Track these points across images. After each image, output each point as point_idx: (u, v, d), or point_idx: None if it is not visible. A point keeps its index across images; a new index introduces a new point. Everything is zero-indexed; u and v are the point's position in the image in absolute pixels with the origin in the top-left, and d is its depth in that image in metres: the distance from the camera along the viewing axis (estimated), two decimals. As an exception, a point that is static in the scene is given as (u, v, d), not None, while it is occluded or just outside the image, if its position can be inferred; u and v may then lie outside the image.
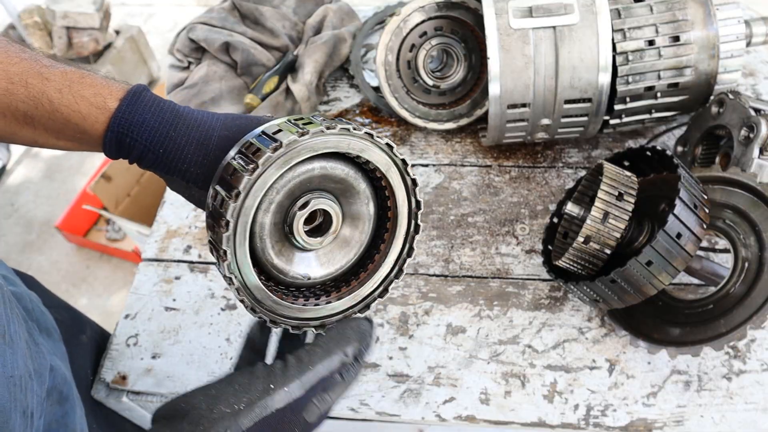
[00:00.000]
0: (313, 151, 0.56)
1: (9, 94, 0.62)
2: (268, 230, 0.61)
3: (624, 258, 0.77)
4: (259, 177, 0.55)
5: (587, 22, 0.96)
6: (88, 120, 0.62)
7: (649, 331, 0.86)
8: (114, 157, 0.65)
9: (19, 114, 0.63)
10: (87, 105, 0.62)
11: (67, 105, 0.62)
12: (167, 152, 0.61)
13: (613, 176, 0.82)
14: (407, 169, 0.63)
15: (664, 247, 0.74)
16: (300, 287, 0.66)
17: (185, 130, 0.62)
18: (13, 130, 0.65)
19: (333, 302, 0.64)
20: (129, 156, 0.63)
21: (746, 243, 0.84)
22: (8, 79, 0.62)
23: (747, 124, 0.90)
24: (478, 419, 0.87)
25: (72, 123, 0.63)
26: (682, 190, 0.75)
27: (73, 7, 2.82)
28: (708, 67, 1.00)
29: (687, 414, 0.85)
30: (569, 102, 1.01)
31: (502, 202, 1.10)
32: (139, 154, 0.62)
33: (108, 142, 0.62)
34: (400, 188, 0.64)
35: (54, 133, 0.65)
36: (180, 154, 0.62)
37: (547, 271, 0.90)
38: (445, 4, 1.12)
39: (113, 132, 0.61)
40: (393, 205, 0.65)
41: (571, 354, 0.92)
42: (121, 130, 0.61)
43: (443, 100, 1.20)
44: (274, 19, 1.35)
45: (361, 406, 0.89)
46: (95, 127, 0.62)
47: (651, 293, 0.77)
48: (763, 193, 0.83)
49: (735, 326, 0.78)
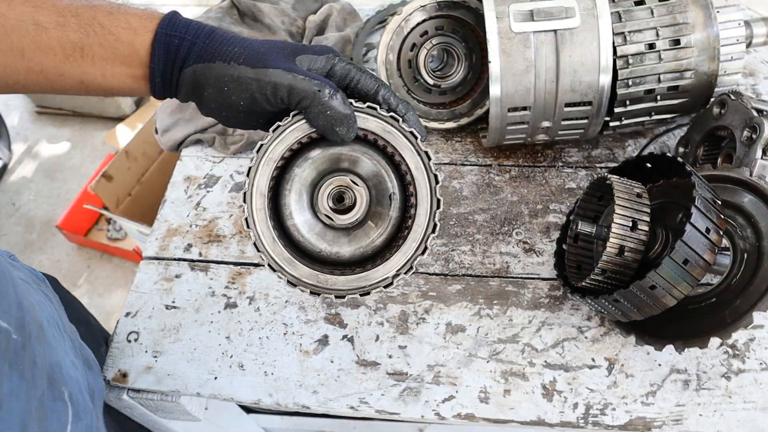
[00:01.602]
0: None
1: (60, 26, 0.66)
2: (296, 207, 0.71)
3: (640, 269, 0.76)
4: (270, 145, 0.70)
5: (588, 26, 0.96)
6: (138, 32, 0.69)
7: (654, 330, 0.86)
8: (159, 69, 0.70)
9: (69, 46, 0.67)
10: (137, 19, 0.69)
11: (117, 24, 0.68)
12: (213, 40, 0.69)
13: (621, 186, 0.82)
14: (418, 143, 0.68)
15: (683, 257, 0.73)
16: (334, 263, 0.72)
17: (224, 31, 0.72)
18: (62, 69, 0.68)
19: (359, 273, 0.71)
20: (176, 55, 0.69)
21: (743, 235, 0.84)
22: (58, 12, 0.67)
23: (750, 125, 0.91)
24: (477, 418, 0.88)
25: (122, 41, 0.68)
26: (697, 198, 0.74)
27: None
28: (708, 70, 1.01)
29: (686, 413, 0.85)
30: (570, 105, 1.01)
31: (502, 201, 1.10)
32: (187, 49, 0.69)
33: (157, 46, 0.69)
34: (418, 169, 0.71)
35: (102, 60, 0.69)
36: (223, 38, 0.70)
37: (570, 293, 0.89)
38: (446, 4, 1.12)
39: (162, 34, 0.69)
40: (412, 182, 0.71)
41: (570, 353, 0.92)
42: (170, 32, 0.69)
43: (444, 99, 1.21)
44: (273, 15, 1.35)
45: (360, 404, 0.90)
46: (145, 38, 0.69)
47: (671, 304, 0.76)
48: (755, 186, 0.84)
49: (740, 315, 0.78)
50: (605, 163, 1.15)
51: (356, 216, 0.70)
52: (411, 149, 0.70)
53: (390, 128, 0.70)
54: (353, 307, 0.99)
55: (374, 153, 0.71)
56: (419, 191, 0.70)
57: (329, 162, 0.71)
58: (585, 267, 0.95)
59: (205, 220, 1.13)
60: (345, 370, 0.93)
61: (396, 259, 0.69)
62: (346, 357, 0.94)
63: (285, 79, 0.67)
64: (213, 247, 1.09)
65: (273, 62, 0.68)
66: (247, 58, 0.67)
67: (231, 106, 0.70)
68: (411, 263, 0.70)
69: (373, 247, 0.71)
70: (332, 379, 0.92)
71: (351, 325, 0.97)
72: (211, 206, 1.15)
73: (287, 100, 0.68)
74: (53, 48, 0.66)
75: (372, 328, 0.96)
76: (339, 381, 0.92)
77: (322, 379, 0.92)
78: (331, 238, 0.71)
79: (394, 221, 0.71)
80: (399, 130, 0.70)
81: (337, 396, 0.91)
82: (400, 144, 0.70)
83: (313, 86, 0.67)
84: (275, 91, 0.67)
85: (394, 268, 0.69)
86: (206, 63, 0.69)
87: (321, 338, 0.96)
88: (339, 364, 0.93)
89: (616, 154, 1.16)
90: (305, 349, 0.95)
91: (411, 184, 0.70)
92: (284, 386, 0.92)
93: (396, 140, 0.70)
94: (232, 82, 0.68)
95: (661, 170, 0.91)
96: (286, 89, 0.67)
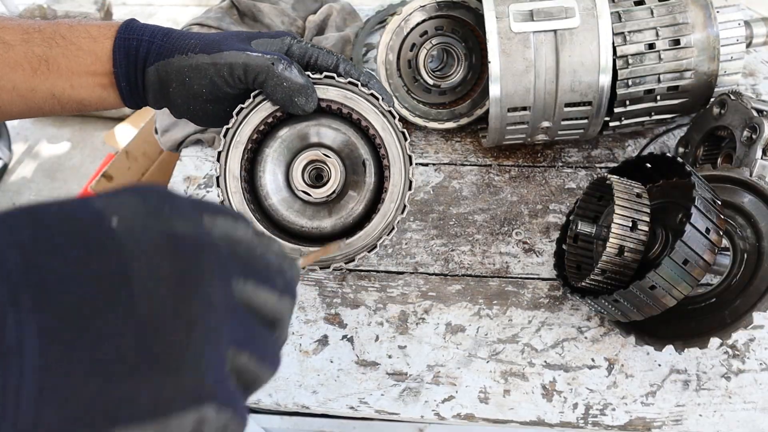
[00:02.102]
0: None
1: (25, 42, 0.70)
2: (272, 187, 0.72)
3: (639, 269, 0.76)
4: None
5: (588, 26, 0.96)
6: (98, 40, 0.72)
7: (654, 330, 0.86)
8: (122, 72, 0.73)
9: (35, 60, 0.70)
10: (96, 29, 0.73)
11: (78, 35, 0.72)
12: (170, 37, 0.72)
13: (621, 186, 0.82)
14: (381, 104, 0.70)
15: (683, 257, 0.73)
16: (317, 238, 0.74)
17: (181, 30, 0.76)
18: (32, 84, 0.71)
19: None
20: (137, 56, 0.72)
21: (743, 235, 0.84)
22: (23, 30, 0.70)
23: (749, 125, 0.91)
24: (477, 418, 0.88)
25: (84, 50, 0.71)
26: (697, 198, 0.74)
27: (74, 6, 2.82)
28: (708, 70, 1.01)
29: (686, 413, 0.85)
30: (569, 105, 1.01)
31: (501, 202, 1.10)
32: (146, 49, 0.72)
33: (117, 50, 0.72)
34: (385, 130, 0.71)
35: (68, 71, 0.72)
36: (180, 35, 0.73)
37: (570, 293, 0.89)
38: (446, 4, 1.12)
39: (121, 39, 0.72)
40: (382, 144, 0.72)
41: (570, 353, 0.92)
42: (128, 35, 0.72)
43: (443, 99, 1.20)
44: (273, 15, 1.35)
45: (360, 404, 0.90)
46: (105, 45, 0.72)
47: (670, 304, 0.76)
48: (755, 186, 0.84)
49: (740, 315, 0.78)
50: (605, 163, 1.15)
51: (333, 188, 0.72)
52: (375, 112, 0.71)
53: (351, 95, 0.71)
54: (353, 307, 0.99)
55: (341, 123, 0.72)
56: (390, 151, 0.71)
57: (299, 139, 0.73)
58: (585, 267, 0.95)
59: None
60: (345, 370, 0.93)
61: (376, 222, 0.70)
62: (345, 357, 0.94)
63: (239, 58, 0.69)
64: (213, 247, 1.09)
65: (227, 46, 0.70)
66: (203, 47, 0.70)
67: (196, 97, 0.72)
68: (392, 224, 0.70)
69: (353, 216, 0.72)
70: (332, 379, 0.92)
71: (351, 325, 0.97)
72: (210, 206, 1.15)
73: (244, 79, 0.70)
74: (21, 63, 0.69)
75: (372, 328, 0.96)
76: (339, 381, 0.92)
77: (321, 379, 0.92)
78: (311, 213, 0.73)
79: (372, 186, 0.72)
80: (359, 94, 0.71)
81: (337, 396, 0.90)
82: (364, 108, 0.71)
83: (266, 60, 0.69)
84: (231, 70, 0.69)
85: (376, 231, 0.70)
86: (166, 59, 0.71)
87: (321, 338, 0.96)
88: (339, 364, 0.93)
89: (615, 154, 1.16)
90: (305, 349, 0.95)
91: (381, 146, 0.71)
92: (284, 386, 0.92)
93: (359, 105, 0.71)
94: (191, 71, 0.70)
95: (660, 170, 0.90)
96: (242, 67, 0.69)
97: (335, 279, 1.02)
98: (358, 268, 1.03)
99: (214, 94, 0.72)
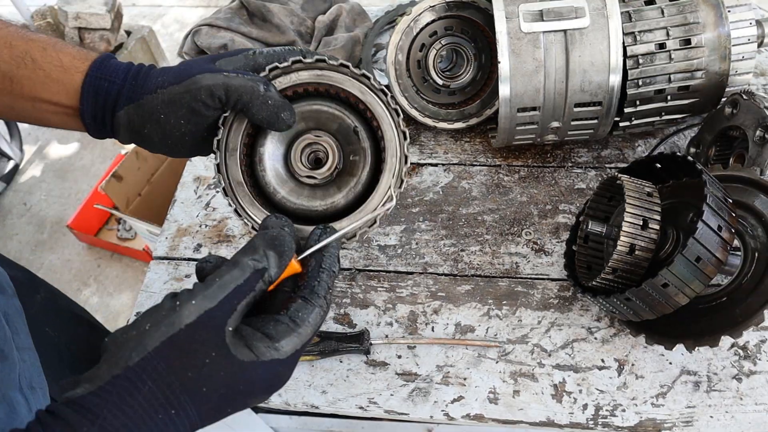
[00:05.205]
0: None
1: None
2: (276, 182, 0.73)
3: (650, 269, 0.76)
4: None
5: (598, 26, 0.96)
6: (69, 71, 0.69)
7: (664, 330, 0.86)
8: (89, 110, 0.70)
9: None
10: (69, 58, 0.70)
11: (50, 61, 0.69)
12: (138, 79, 0.69)
13: (632, 185, 0.81)
14: (352, 70, 0.71)
15: (695, 254, 0.72)
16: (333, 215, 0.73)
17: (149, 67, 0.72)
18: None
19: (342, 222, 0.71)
20: (106, 98, 0.69)
21: (754, 235, 0.84)
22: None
23: (762, 124, 0.90)
24: (486, 418, 0.88)
25: (52, 79, 0.69)
26: (709, 196, 0.74)
27: (84, 8, 2.84)
28: (719, 70, 1.00)
29: (696, 414, 0.85)
30: (579, 105, 1.01)
31: (511, 202, 1.10)
32: (116, 91, 0.69)
33: (87, 88, 0.69)
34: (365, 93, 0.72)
35: (31, 96, 0.70)
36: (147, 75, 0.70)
37: (581, 292, 0.89)
38: (455, 4, 1.12)
39: (93, 76, 0.69)
40: (367, 108, 0.72)
41: (579, 354, 0.92)
42: (100, 74, 0.69)
43: (453, 99, 1.20)
44: (282, 15, 1.35)
45: (369, 404, 0.90)
46: (75, 78, 0.69)
47: (683, 302, 0.76)
48: (766, 185, 0.83)
49: (752, 313, 0.77)
50: (615, 163, 1.14)
51: (333, 163, 0.72)
52: (349, 79, 0.71)
53: (321, 72, 0.71)
54: (362, 307, 0.99)
55: (322, 101, 0.73)
56: (375, 111, 0.71)
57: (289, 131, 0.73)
58: (595, 267, 0.95)
59: (214, 221, 1.13)
60: (354, 371, 0.93)
61: (386, 180, 0.71)
62: (355, 357, 0.94)
63: (217, 80, 0.67)
64: (222, 247, 1.10)
65: (198, 70, 0.68)
66: (172, 79, 0.68)
67: (174, 131, 0.70)
68: (399, 177, 0.71)
69: (362, 183, 0.73)
70: (341, 379, 0.92)
71: (360, 325, 0.97)
72: (220, 206, 1.15)
73: (225, 99, 0.68)
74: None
75: (381, 328, 0.97)
76: (348, 381, 0.92)
77: (331, 379, 0.92)
78: (322, 194, 0.73)
79: (370, 150, 0.73)
80: (329, 68, 0.71)
81: (346, 396, 0.91)
82: (338, 80, 0.71)
83: (248, 81, 0.67)
84: (211, 92, 0.67)
85: (388, 189, 0.71)
86: (136, 102, 0.69)
87: (330, 338, 0.96)
88: (348, 364, 0.93)
89: (625, 154, 1.15)
90: (314, 349, 0.95)
91: (366, 109, 0.72)
92: (293, 386, 0.92)
93: (332, 78, 0.71)
94: (165, 106, 0.68)
95: (670, 171, 0.90)
96: (222, 88, 0.67)
97: (344, 279, 1.02)
98: (368, 269, 1.03)
99: (194, 120, 0.69)
